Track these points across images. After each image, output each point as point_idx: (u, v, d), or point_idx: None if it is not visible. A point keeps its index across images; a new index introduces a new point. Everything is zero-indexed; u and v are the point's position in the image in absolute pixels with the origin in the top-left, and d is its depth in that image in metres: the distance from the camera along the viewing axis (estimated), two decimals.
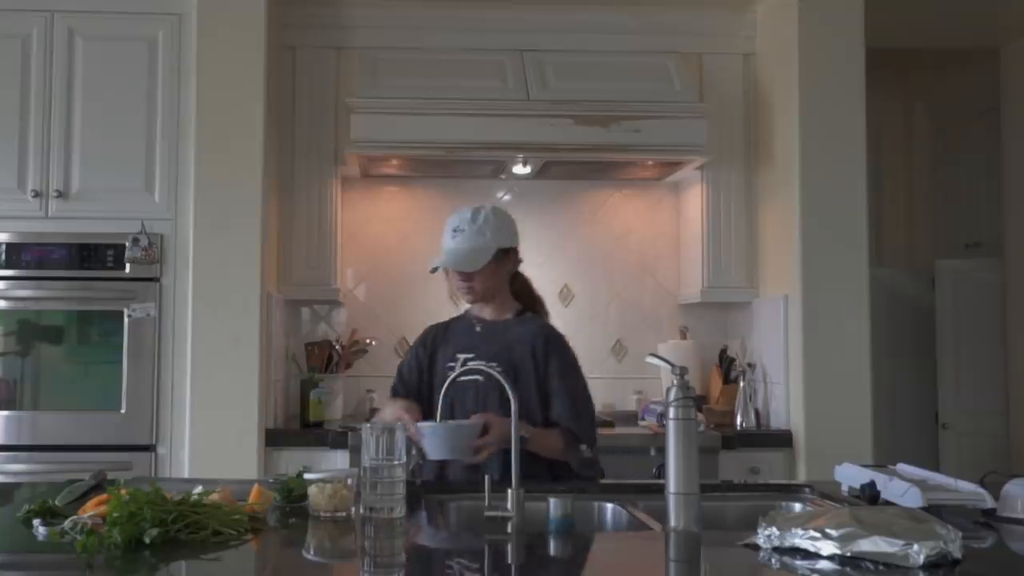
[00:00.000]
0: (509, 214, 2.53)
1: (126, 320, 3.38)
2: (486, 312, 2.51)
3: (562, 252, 4.13)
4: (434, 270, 2.45)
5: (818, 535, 1.51)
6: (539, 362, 2.39)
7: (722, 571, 1.62)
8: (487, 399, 2.34)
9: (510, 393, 1.92)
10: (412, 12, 3.81)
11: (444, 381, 2.28)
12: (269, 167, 3.48)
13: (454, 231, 2.44)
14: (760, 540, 1.58)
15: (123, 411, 3.36)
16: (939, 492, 1.95)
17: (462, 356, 2.43)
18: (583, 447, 2.36)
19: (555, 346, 2.45)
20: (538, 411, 2.37)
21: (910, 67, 4.82)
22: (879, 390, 3.57)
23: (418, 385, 2.50)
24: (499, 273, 2.47)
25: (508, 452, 2.05)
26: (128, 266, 3.39)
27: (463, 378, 2.34)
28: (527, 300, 2.56)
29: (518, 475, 1.83)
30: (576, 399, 2.41)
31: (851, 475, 2.18)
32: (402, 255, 4.08)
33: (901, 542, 1.44)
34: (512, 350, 2.41)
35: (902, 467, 2.20)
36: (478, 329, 2.49)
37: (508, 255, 2.48)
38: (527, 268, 4.06)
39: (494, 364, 2.30)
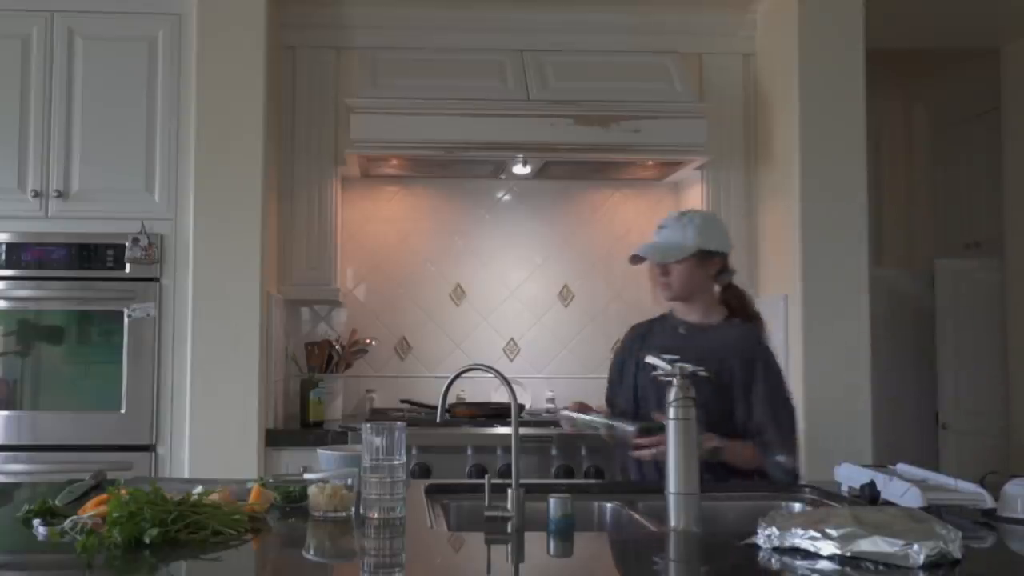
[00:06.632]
0: (720, 221, 2.60)
1: (126, 320, 3.38)
2: (691, 315, 2.53)
3: (562, 252, 4.13)
4: (634, 259, 2.51)
5: (818, 535, 1.51)
6: (745, 370, 2.39)
7: (722, 571, 1.62)
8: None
9: (511, 392, 1.92)
10: (412, 12, 3.81)
11: (647, 380, 2.38)
12: (269, 167, 3.48)
13: (659, 227, 2.52)
14: (760, 540, 1.58)
15: (123, 411, 3.36)
16: (939, 492, 1.95)
17: (666, 357, 2.45)
18: (780, 457, 2.36)
19: (761, 354, 2.46)
20: (739, 420, 2.39)
21: (910, 67, 4.82)
22: (879, 390, 3.56)
23: (620, 386, 2.60)
24: (698, 273, 2.48)
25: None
26: (128, 266, 3.39)
27: (665, 378, 2.40)
28: (740, 313, 2.54)
29: (517, 475, 1.83)
30: (776, 408, 2.42)
31: (851, 475, 2.18)
32: (402, 255, 4.09)
33: (901, 542, 1.44)
34: (719, 355, 2.39)
35: (902, 467, 2.20)
36: (682, 331, 2.52)
37: (712, 258, 2.49)
38: (527, 268, 4.10)
39: (700, 368, 2.38)
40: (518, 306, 4.10)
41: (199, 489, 1.79)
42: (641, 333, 2.62)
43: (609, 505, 2.13)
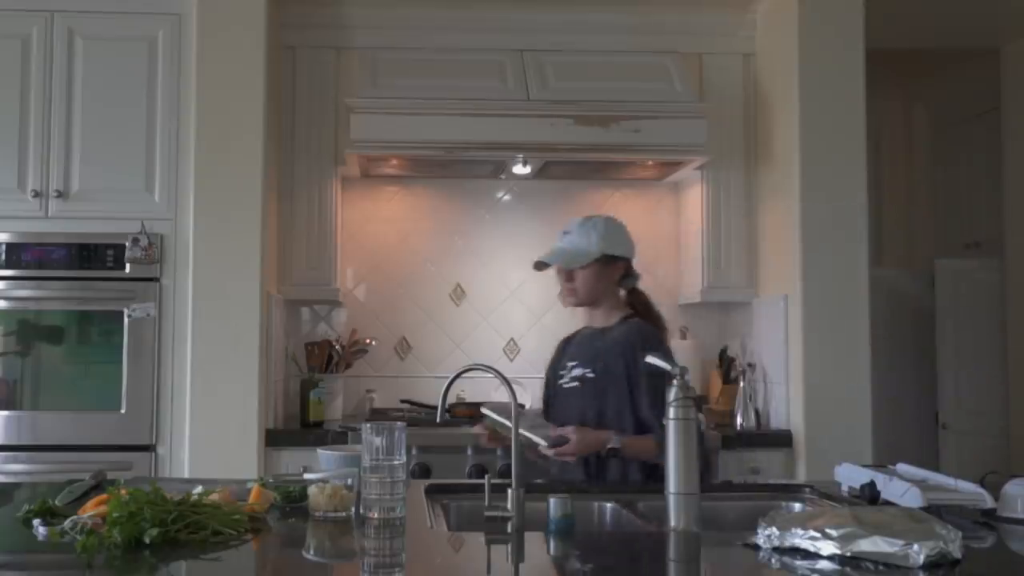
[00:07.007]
0: (623, 226, 2.61)
1: (126, 320, 3.38)
2: (596, 320, 2.58)
3: None
4: (538, 266, 2.55)
5: (818, 535, 1.51)
6: (629, 363, 2.40)
7: (722, 571, 1.62)
8: (584, 404, 2.45)
9: (511, 392, 1.92)
10: (412, 12, 3.81)
11: (553, 389, 2.56)
12: (269, 167, 3.48)
13: (563, 233, 2.55)
14: (760, 540, 1.58)
15: (123, 411, 3.36)
16: (939, 492, 1.95)
17: (570, 364, 2.53)
18: None
19: (644, 346, 2.41)
20: (629, 415, 2.42)
21: (910, 67, 4.82)
22: (879, 390, 3.56)
23: (549, 391, 2.65)
24: (602, 279, 2.52)
25: (595, 457, 2.38)
26: (128, 266, 3.39)
27: (568, 385, 2.50)
28: (643, 316, 2.56)
29: (518, 475, 1.83)
30: (660, 403, 2.41)
31: (851, 475, 2.18)
32: (402, 255, 4.09)
33: (901, 542, 1.44)
34: (607, 354, 2.46)
35: (902, 467, 2.20)
36: (587, 335, 2.59)
37: (615, 263, 2.54)
38: (527, 268, 4.08)
39: (587, 370, 2.46)
40: (518, 306, 4.10)
41: (199, 489, 1.79)
42: (565, 341, 2.68)
43: (609, 505, 2.13)
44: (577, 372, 2.51)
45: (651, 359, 1.99)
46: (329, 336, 3.94)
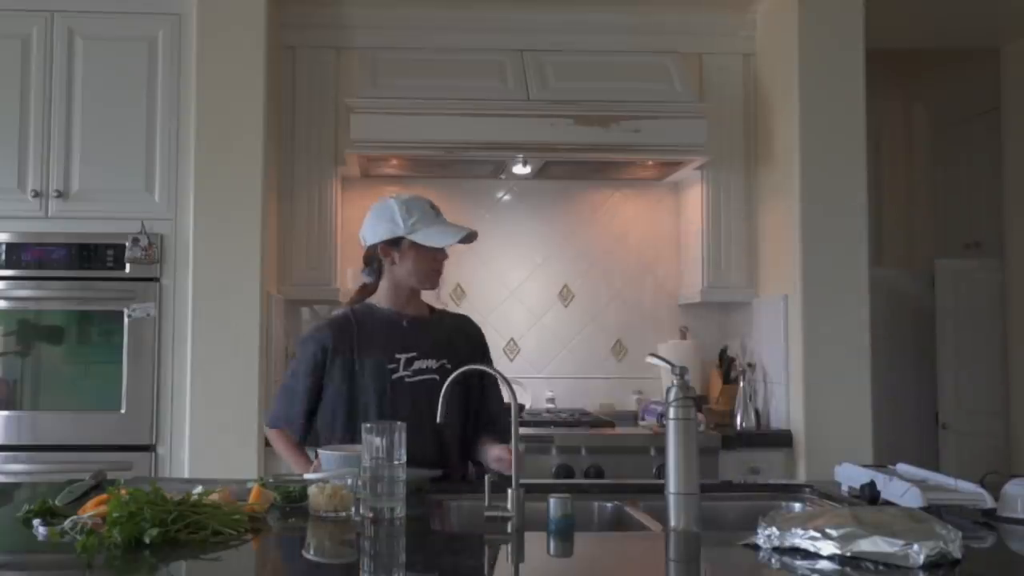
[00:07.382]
0: None
1: (126, 320, 3.38)
2: (409, 307, 2.39)
3: (562, 252, 4.13)
4: (471, 237, 2.34)
5: (818, 535, 1.51)
6: (477, 358, 2.30)
7: (722, 571, 1.62)
8: (451, 397, 2.16)
9: (511, 391, 1.92)
10: (412, 12, 3.81)
11: (383, 383, 2.28)
12: (269, 167, 3.48)
13: (437, 211, 2.38)
14: (760, 540, 1.58)
15: (123, 411, 3.36)
16: (939, 492, 1.95)
17: (403, 356, 2.31)
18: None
19: (485, 342, 2.49)
20: (472, 411, 2.38)
21: (910, 67, 4.82)
22: (879, 390, 3.56)
23: (309, 391, 2.36)
24: None
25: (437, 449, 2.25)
26: (128, 266, 3.39)
27: (414, 379, 2.30)
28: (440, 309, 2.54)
29: (518, 475, 1.83)
30: (500, 394, 2.42)
31: (851, 475, 2.18)
32: None
33: (901, 542, 1.44)
34: (452, 344, 2.37)
35: (902, 467, 2.20)
36: (405, 324, 2.37)
37: None
38: (527, 268, 4.11)
39: (444, 361, 2.32)
40: (518, 306, 4.10)
41: (199, 489, 1.79)
42: (346, 329, 2.35)
43: (609, 505, 2.13)
44: (427, 363, 2.31)
45: (651, 359, 1.98)
46: None
